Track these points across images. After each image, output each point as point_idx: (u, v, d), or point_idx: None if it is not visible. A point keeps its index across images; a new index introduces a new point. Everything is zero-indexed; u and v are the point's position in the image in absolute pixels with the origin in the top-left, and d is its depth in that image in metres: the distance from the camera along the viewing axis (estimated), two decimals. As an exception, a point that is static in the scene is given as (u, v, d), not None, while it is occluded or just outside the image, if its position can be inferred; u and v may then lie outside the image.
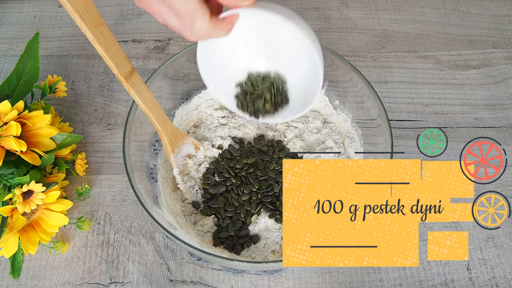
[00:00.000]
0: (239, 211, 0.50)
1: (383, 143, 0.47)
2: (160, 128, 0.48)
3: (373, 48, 0.68)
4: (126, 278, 0.50)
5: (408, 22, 0.71)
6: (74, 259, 0.51)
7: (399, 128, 0.60)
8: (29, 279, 0.50)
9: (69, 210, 0.53)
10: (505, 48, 0.68)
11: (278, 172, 0.52)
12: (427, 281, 0.50)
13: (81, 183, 0.55)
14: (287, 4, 0.72)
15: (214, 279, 0.50)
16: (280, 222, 0.49)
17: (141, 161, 0.50)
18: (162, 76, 0.52)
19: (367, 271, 0.50)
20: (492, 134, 0.60)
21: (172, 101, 0.56)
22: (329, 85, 0.56)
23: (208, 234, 0.50)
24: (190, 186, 0.53)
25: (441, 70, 0.66)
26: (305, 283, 0.49)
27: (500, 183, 0.56)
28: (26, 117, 0.48)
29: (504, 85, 0.65)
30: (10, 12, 0.72)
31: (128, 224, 0.53)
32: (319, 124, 0.57)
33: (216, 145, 0.56)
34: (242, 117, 0.58)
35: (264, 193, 0.51)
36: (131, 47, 0.68)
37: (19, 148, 0.46)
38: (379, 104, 0.49)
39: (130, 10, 0.72)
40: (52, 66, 0.66)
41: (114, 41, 0.40)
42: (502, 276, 0.50)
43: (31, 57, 0.55)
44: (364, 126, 0.53)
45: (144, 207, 0.43)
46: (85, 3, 0.36)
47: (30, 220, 0.48)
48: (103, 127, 0.60)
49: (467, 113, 0.62)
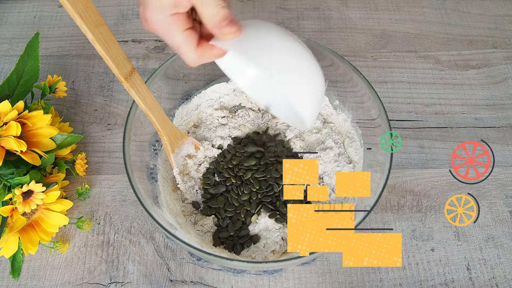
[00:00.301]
0: (239, 211, 0.50)
1: (383, 143, 0.47)
2: (160, 128, 0.48)
3: (373, 48, 0.68)
4: (126, 278, 0.50)
5: (408, 22, 0.71)
6: (74, 259, 0.51)
7: (399, 128, 0.60)
8: (29, 279, 0.50)
9: (69, 210, 0.53)
10: (505, 48, 0.68)
11: (278, 173, 0.52)
12: (427, 281, 0.50)
13: (81, 183, 0.55)
14: (287, 4, 0.73)
15: (214, 279, 0.50)
16: (280, 222, 0.49)
17: (141, 161, 0.50)
18: (162, 76, 0.52)
19: (367, 271, 0.50)
20: (492, 134, 0.60)
21: (172, 101, 0.56)
22: (329, 85, 0.56)
23: (208, 234, 0.50)
24: (190, 186, 0.53)
25: (441, 70, 0.66)
26: (305, 283, 0.49)
27: (500, 183, 0.56)
28: (26, 117, 0.48)
29: (504, 85, 0.65)
30: (10, 12, 0.72)
31: (128, 224, 0.53)
32: (319, 124, 0.57)
33: (216, 145, 0.56)
34: (242, 117, 0.58)
35: (264, 193, 0.51)
36: (131, 47, 0.68)
37: (19, 148, 0.46)
38: (379, 104, 0.49)
39: (130, 10, 0.72)
40: (52, 66, 0.66)
41: (114, 41, 0.40)
42: (502, 276, 0.50)
43: (31, 57, 0.55)
44: (364, 126, 0.53)
45: (144, 207, 0.43)
46: (85, 3, 0.36)
47: (30, 220, 0.48)
48: (103, 127, 0.60)
49: (467, 113, 0.62)
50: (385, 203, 0.54)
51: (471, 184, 0.55)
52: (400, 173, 0.57)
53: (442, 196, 0.55)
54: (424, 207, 0.54)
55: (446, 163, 0.57)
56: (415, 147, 0.59)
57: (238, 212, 0.50)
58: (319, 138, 0.56)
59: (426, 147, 0.59)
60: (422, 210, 0.54)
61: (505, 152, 0.58)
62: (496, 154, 0.58)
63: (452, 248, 0.52)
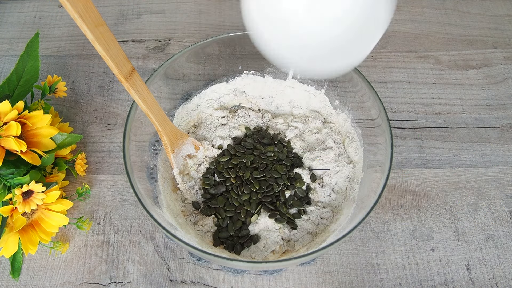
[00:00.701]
0: (239, 211, 0.50)
1: (383, 143, 0.47)
2: (160, 128, 0.48)
3: (373, 48, 0.68)
4: (126, 278, 0.50)
5: (408, 22, 0.71)
6: (74, 259, 0.51)
7: (399, 128, 0.60)
8: (29, 279, 0.50)
9: (69, 210, 0.53)
10: (505, 48, 0.68)
11: (278, 173, 0.52)
12: (427, 281, 0.50)
13: (81, 183, 0.55)
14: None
15: (214, 279, 0.50)
16: (280, 222, 0.49)
17: (141, 161, 0.50)
18: (162, 76, 0.52)
19: (367, 271, 0.50)
20: (492, 134, 0.60)
21: (172, 101, 0.56)
22: (329, 85, 0.56)
23: (208, 234, 0.50)
24: (190, 186, 0.53)
25: (441, 70, 0.66)
26: (305, 283, 0.49)
27: (500, 183, 0.56)
28: (26, 117, 0.48)
29: (504, 85, 0.65)
30: (10, 12, 0.72)
31: (128, 224, 0.53)
32: (319, 124, 0.57)
33: (216, 145, 0.56)
34: (242, 117, 0.58)
35: (264, 193, 0.51)
36: (131, 47, 0.68)
37: (19, 148, 0.46)
38: (379, 104, 0.49)
39: (130, 10, 0.72)
40: (52, 66, 0.66)
41: (114, 41, 0.40)
42: (502, 276, 0.50)
43: (31, 57, 0.55)
44: (364, 126, 0.53)
45: (144, 207, 0.43)
46: (85, 3, 0.36)
47: (30, 220, 0.48)
48: (103, 127, 0.60)
49: (467, 113, 0.62)
50: (385, 203, 0.54)
51: (471, 184, 0.56)
52: (400, 173, 0.57)
53: (442, 196, 0.55)
54: (424, 207, 0.54)
55: (446, 163, 0.57)
56: (415, 147, 0.59)
57: (238, 212, 0.50)
58: (319, 138, 0.56)
59: (426, 147, 0.59)
60: (422, 210, 0.54)
61: (505, 152, 0.58)
62: (496, 154, 0.58)
63: (452, 248, 0.52)
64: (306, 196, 0.52)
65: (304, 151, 0.55)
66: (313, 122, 0.57)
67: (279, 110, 0.60)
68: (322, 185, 0.53)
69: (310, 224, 0.50)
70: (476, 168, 0.57)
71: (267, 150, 0.54)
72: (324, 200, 0.52)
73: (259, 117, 0.59)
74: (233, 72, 0.58)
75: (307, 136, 0.56)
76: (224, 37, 0.54)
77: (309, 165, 0.54)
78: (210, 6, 0.73)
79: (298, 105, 0.59)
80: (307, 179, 0.53)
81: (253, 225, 0.50)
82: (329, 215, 0.50)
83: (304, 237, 0.49)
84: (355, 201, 0.49)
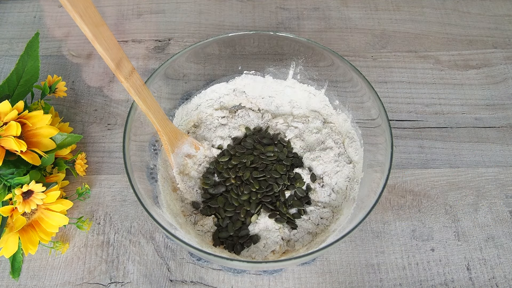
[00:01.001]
0: (239, 211, 0.50)
1: (383, 143, 0.47)
2: (160, 128, 0.48)
3: (373, 48, 0.68)
4: (126, 278, 0.50)
5: (408, 22, 0.71)
6: (74, 259, 0.51)
7: (399, 128, 0.60)
8: (29, 279, 0.50)
9: (69, 210, 0.53)
10: (505, 48, 0.68)
11: (278, 173, 0.52)
12: (427, 281, 0.50)
13: (81, 183, 0.55)
14: (287, 4, 0.73)
15: (214, 279, 0.50)
16: (280, 222, 0.49)
17: (141, 161, 0.50)
18: (162, 76, 0.52)
19: (367, 271, 0.50)
20: (492, 134, 0.60)
21: (172, 101, 0.56)
22: (329, 85, 0.56)
23: (208, 234, 0.50)
24: (190, 186, 0.53)
25: (441, 70, 0.66)
26: (305, 283, 0.49)
27: (500, 183, 0.56)
28: (26, 117, 0.48)
29: (504, 85, 0.65)
30: (10, 12, 0.72)
31: (128, 224, 0.53)
32: (319, 124, 0.57)
33: (216, 145, 0.56)
34: (242, 117, 0.58)
35: (264, 193, 0.51)
36: (131, 47, 0.68)
37: (19, 148, 0.46)
38: (379, 104, 0.49)
39: (130, 10, 0.72)
40: (52, 66, 0.66)
41: (114, 41, 0.40)
42: (502, 276, 0.50)
43: (31, 57, 0.55)
44: (364, 126, 0.53)
45: (144, 207, 0.43)
46: (85, 3, 0.36)
47: (30, 220, 0.48)
48: (103, 127, 0.60)
49: (467, 113, 0.62)
50: (385, 203, 0.54)
51: (471, 184, 0.56)
52: (400, 173, 0.57)
53: (442, 196, 0.55)
54: (424, 207, 0.54)
55: (446, 163, 0.57)
56: (415, 147, 0.59)
57: (238, 212, 0.50)
58: (319, 138, 0.56)
59: (426, 147, 0.59)
60: (422, 210, 0.54)
61: (505, 152, 0.58)
62: (496, 154, 0.58)
63: (452, 248, 0.52)
64: (306, 196, 0.52)
65: (304, 151, 0.55)
66: (313, 122, 0.57)
67: (279, 110, 0.60)
68: (322, 185, 0.53)
69: (310, 224, 0.50)
70: (476, 168, 0.57)
71: (267, 150, 0.54)
72: (324, 200, 0.52)
73: (259, 117, 0.59)
74: (233, 72, 0.58)
75: (307, 136, 0.56)
76: (224, 37, 0.54)
77: (309, 165, 0.54)
78: (210, 6, 0.73)
79: (298, 105, 0.59)
80: (307, 179, 0.53)
81: (253, 225, 0.50)
82: (329, 215, 0.50)
83: (304, 237, 0.49)
84: (355, 201, 0.49)
